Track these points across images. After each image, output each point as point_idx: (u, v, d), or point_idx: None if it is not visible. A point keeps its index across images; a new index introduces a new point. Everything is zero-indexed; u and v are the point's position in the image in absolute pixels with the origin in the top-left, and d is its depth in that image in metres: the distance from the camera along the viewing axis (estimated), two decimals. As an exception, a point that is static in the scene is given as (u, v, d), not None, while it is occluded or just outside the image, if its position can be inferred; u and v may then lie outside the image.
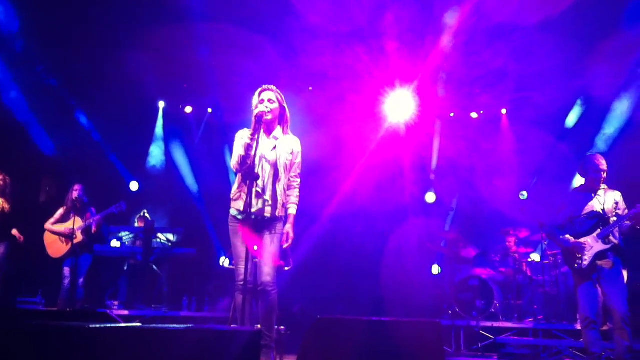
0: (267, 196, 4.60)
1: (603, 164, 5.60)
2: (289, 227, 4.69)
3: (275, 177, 4.65)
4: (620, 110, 9.60)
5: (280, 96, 4.79)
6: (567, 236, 5.60)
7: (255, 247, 4.56)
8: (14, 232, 8.01)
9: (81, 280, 8.10)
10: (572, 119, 10.45)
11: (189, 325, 2.99)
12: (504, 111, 11.20)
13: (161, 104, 11.64)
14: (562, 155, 10.18)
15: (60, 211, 8.24)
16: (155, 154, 11.71)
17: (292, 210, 4.75)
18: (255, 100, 4.76)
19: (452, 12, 8.82)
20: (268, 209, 4.60)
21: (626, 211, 5.54)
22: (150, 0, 8.69)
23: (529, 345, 7.70)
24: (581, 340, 6.83)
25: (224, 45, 9.49)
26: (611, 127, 9.69)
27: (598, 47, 8.90)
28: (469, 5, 8.59)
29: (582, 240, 5.51)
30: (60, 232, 8.05)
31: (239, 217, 4.62)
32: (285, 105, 4.83)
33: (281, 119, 4.81)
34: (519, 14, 8.65)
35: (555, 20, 8.46)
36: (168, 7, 8.80)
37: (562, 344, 7.50)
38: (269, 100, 4.71)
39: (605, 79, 9.48)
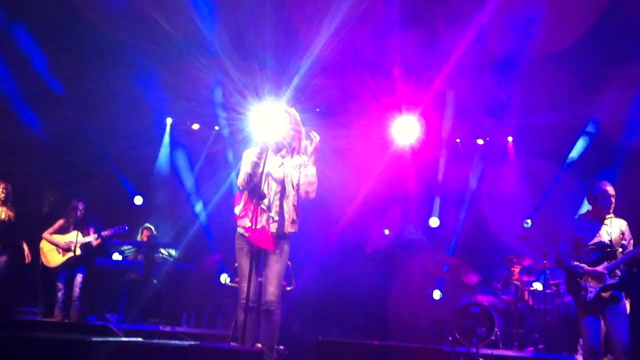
0: (273, 213, 4.60)
1: (611, 190, 5.57)
2: None
3: (282, 194, 4.65)
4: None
5: (295, 118, 4.80)
6: (581, 264, 5.54)
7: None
8: (25, 250, 8.03)
9: (77, 292, 8.09)
10: (578, 148, 10.47)
11: (192, 342, 2.99)
12: (510, 139, 11.23)
13: (169, 121, 11.70)
14: (568, 184, 10.18)
15: (60, 222, 8.26)
16: (161, 169, 11.74)
17: None
18: (269, 119, 4.78)
19: (457, 40, 8.88)
20: (274, 226, 4.59)
21: (631, 241, 5.52)
22: (161, 21, 8.77)
23: (529, 374, 7.66)
24: (582, 371, 6.78)
25: (233, 67, 9.58)
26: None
27: (605, 76, 8.94)
28: (473, 33, 8.64)
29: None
30: (58, 244, 8.07)
31: (246, 234, 4.61)
32: (301, 128, 4.82)
33: (292, 140, 4.81)
34: (526, 46, 8.72)
35: (562, 52, 8.51)
36: (180, 29, 8.90)
37: (563, 375, 7.46)
38: (283, 121, 4.73)
39: (612, 107, 9.51)
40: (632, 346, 5.26)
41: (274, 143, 4.66)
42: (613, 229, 5.54)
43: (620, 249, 5.47)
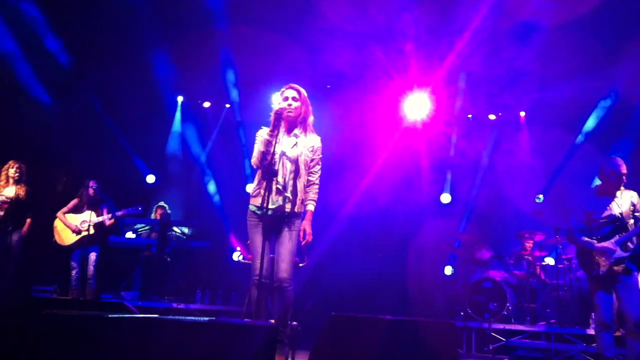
0: (288, 192, 4.62)
1: (624, 169, 5.52)
2: (306, 224, 4.65)
3: (296, 173, 4.66)
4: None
5: (304, 95, 4.80)
6: (591, 239, 5.54)
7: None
8: (26, 225, 8.08)
9: (92, 270, 8.16)
10: (591, 121, 10.37)
11: (207, 318, 3.02)
12: (522, 114, 11.14)
13: (180, 99, 11.71)
14: (581, 158, 10.11)
15: (74, 202, 8.30)
16: (173, 148, 11.78)
17: (311, 207, 4.71)
18: (278, 97, 4.80)
19: (470, 12, 8.77)
20: (288, 205, 4.62)
21: None
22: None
23: (541, 348, 7.69)
24: (593, 345, 6.80)
25: (244, 43, 9.53)
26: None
27: (620, 47, 8.81)
28: (488, 4, 8.54)
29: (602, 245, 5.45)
30: (70, 226, 8.12)
31: (258, 212, 4.64)
32: (309, 105, 4.84)
33: (303, 117, 4.80)
34: (540, 14, 8.59)
35: (576, 21, 8.38)
36: (190, 6, 8.85)
37: (574, 349, 7.48)
38: (293, 98, 4.73)
39: (627, 79, 9.40)
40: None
41: (286, 121, 4.67)
42: (624, 201, 5.50)
43: (632, 221, 5.45)
